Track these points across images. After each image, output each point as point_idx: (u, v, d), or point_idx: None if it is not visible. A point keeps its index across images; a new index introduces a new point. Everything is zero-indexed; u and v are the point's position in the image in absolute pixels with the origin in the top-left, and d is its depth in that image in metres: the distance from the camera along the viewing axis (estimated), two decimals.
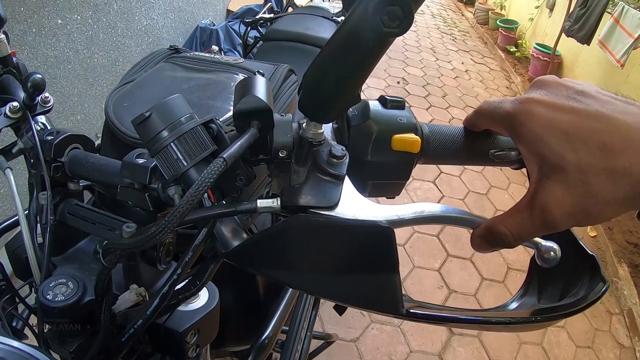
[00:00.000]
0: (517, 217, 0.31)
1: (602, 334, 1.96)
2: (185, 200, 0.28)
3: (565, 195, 0.28)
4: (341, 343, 1.63)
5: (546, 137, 0.28)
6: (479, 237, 0.33)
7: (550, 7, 4.63)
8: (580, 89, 0.29)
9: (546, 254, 0.34)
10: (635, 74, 3.12)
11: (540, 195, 0.29)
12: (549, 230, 0.30)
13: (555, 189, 0.28)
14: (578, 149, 0.27)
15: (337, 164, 0.33)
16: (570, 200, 0.28)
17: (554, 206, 0.28)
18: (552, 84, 0.31)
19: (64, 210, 0.41)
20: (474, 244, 0.34)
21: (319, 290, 0.33)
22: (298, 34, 1.58)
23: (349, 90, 0.31)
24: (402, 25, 0.25)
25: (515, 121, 0.30)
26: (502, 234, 0.31)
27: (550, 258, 0.34)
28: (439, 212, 0.36)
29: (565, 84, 0.30)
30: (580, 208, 0.27)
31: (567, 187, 0.27)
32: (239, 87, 0.34)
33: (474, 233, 0.34)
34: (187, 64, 0.80)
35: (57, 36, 1.54)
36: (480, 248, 0.33)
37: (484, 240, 0.33)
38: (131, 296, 0.38)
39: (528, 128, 0.29)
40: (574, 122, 0.28)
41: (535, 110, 0.29)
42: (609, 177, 0.26)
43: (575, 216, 0.28)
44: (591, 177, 0.27)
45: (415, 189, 2.54)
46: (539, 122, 0.29)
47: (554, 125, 0.28)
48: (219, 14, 3.21)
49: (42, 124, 0.46)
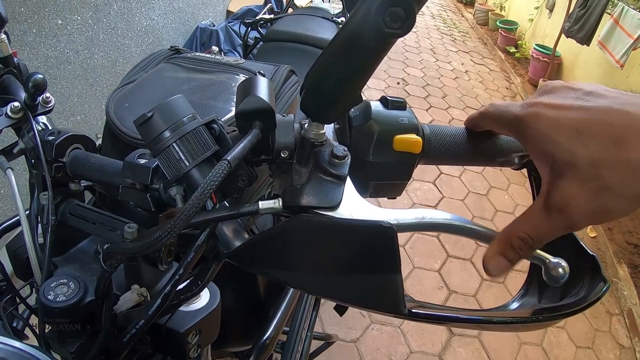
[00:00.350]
0: (533, 220, 0.30)
1: (602, 335, 1.96)
2: (191, 204, 0.28)
3: (580, 191, 0.27)
4: (341, 344, 1.63)
5: (555, 135, 0.28)
6: (497, 255, 0.31)
7: (550, 8, 4.64)
8: (589, 90, 0.29)
9: (554, 271, 0.32)
10: (635, 75, 3.12)
11: (554, 195, 0.28)
12: (568, 229, 0.29)
13: (570, 187, 0.27)
14: (589, 144, 0.27)
15: (339, 164, 0.34)
16: (586, 197, 0.27)
17: (570, 204, 0.27)
18: (559, 87, 0.31)
19: (65, 211, 0.41)
20: (490, 266, 0.31)
21: (321, 291, 0.33)
22: (298, 34, 1.58)
23: (350, 91, 0.31)
24: (404, 26, 0.25)
25: (524, 124, 0.30)
26: (521, 239, 0.30)
27: (558, 275, 0.32)
28: (442, 220, 0.35)
29: (573, 86, 0.30)
30: (598, 203, 0.27)
31: (581, 183, 0.27)
32: (241, 87, 0.34)
33: (488, 254, 0.31)
34: (188, 64, 0.80)
35: (57, 37, 1.54)
36: (498, 267, 0.31)
37: (503, 256, 0.31)
38: (132, 296, 0.38)
39: (536, 129, 0.29)
40: (583, 119, 0.27)
41: (543, 113, 0.29)
42: (623, 169, 0.26)
43: (593, 212, 0.27)
44: (605, 170, 0.26)
45: (415, 190, 2.54)
46: (547, 123, 0.29)
47: (562, 124, 0.28)
48: (219, 15, 3.21)
49: (43, 124, 0.46)
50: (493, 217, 2.48)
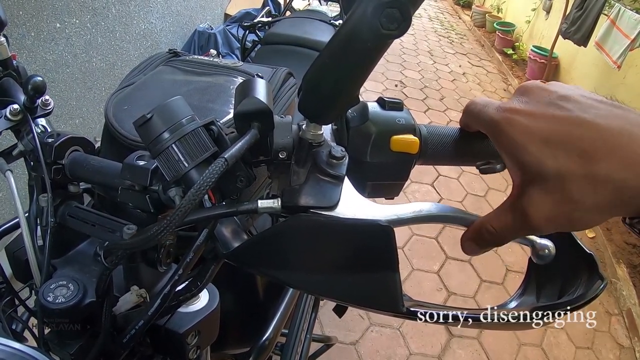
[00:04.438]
0: (501, 217, 0.31)
1: (601, 335, 1.96)
2: (187, 200, 0.28)
3: (545, 201, 0.28)
4: (341, 346, 1.63)
5: (526, 144, 0.28)
6: (468, 240, 0.33)
7: (547, 10, 4.66)
8: (563, 93, 0.29)
9: (541, 251, 0.35)
10: (632, 76, 3.14)
11: (521, 198, 0.29)
12: (531, 232, 0.30)
13: (535, 195, 0.28)
14: (558, 156, 0.27)
15: (337, 164, 0.34)
16: (549, 206, 0.28)
17: (533, 210, 0.28)
18: (534, 90, 0.31)
19: (64, 213, 0.41)
20: (464, 247, 0.34)
21: (319, 290, 0.33)
22: (296, 37, 1.58)
23: (348, 92, 0.31)
24: (400, 27, 0.26)
25: (498, 128, 0.30)
26: (489, 232, 0.31)
27: (545, 255, 0.35)
28: (436, 211, 0.36)
29: (548, 88, 0.30)
30: (561, 214, 0.27)
31: (546, 193, 0.28)
32: (239, 89, 0.34)
33: (464, 236, 0.34)
34: (186, 67, 0.80)
35: (55, 40, 1.54)
36: (470, 250, 0.33)
37: (473, 241, 0.33)
38: (132, 297, 0.38)
39: (509, 135, 0.29)
40: (553, 129, 0.28)
41: (515, 119, 0.29)
42: (589, 184, 0.26)
43: (555, 221, 0.28)
44: (571, 183, 0.26)
45: (414, 192, 2.54)
46: (519, 130, 0.29)
47: (533, 133, 0.28)
48: (217, 18, 3.22)
49: (42, 127, 0.46)
50: None
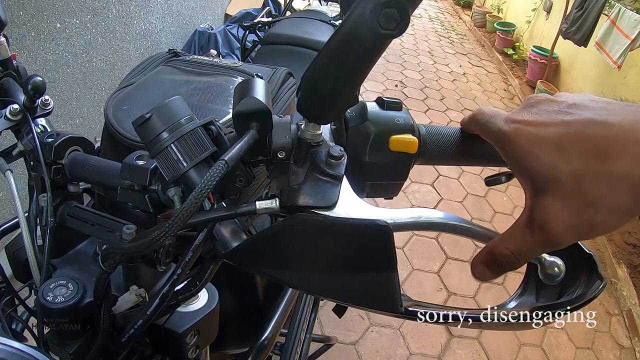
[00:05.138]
0: (517, 236, 0.29)
1: (601, 335, 1.96)
2: (188, 204, 0.28)
3: (563, 208, 0.26)
4: (340, 346, 1.63)
5: (536, 151, 0.27)
6: (481, 265, 0.31)
7: (547, 10, 4.66)
8: (572, 102, 0.28)
9: (549, 270, 0.33)
10: (632, 76, 3.14)
11: (537, 211, 0.27)
12: (552, 247, 0.28)
13: (552, 203, 0.26)
14: (571, 158, 0.26)
15: (336, 164, 0.34)
16: (569, 213, 0.26)
17: (553, 221, 0.26)
18: (542, 101, 0.30)
19: (63, 212, 0.41)
20: (475, 272, 0.31)
21: (318, 290, 0.33)
22: (296, 37, 1.58)
23: (346, 91, 0.31)
24: (398, 27, 0.26)
25: (506, 140, 0.29)
26: (504, 255, 0.29)
27: (553, 274, 0.33)
28: (438, 219, 0.35)
29: (557, 99, 0.29)
30: (582, 219, 0.26)
31: (563, 199, 0.26)
32: (238, 89, 0.34)
33: (474, 261, 0.32)
34: (186, 67, 0.80)
35: (55, 40, 1.54)
36: (482, 276, 0.31)
37: (486, 266, 0.31)
38: (131, 297, 0.38)
39: (518, 146, 0.28)
40: (564, 133, 0.27)
41: (525, 130, 0.28)
42: (607, 183, 0.25)
43: (577, 229, 0.26)
44: (588, 185, 0.25)
45: (414, 192, 2.54)
46: (528, 139, 0.28)
47: (543, 139, 0.27)
48: (217, 18, 3.22)
49: (42, 127, 0.46)
50: (492, 219, 2.49)
